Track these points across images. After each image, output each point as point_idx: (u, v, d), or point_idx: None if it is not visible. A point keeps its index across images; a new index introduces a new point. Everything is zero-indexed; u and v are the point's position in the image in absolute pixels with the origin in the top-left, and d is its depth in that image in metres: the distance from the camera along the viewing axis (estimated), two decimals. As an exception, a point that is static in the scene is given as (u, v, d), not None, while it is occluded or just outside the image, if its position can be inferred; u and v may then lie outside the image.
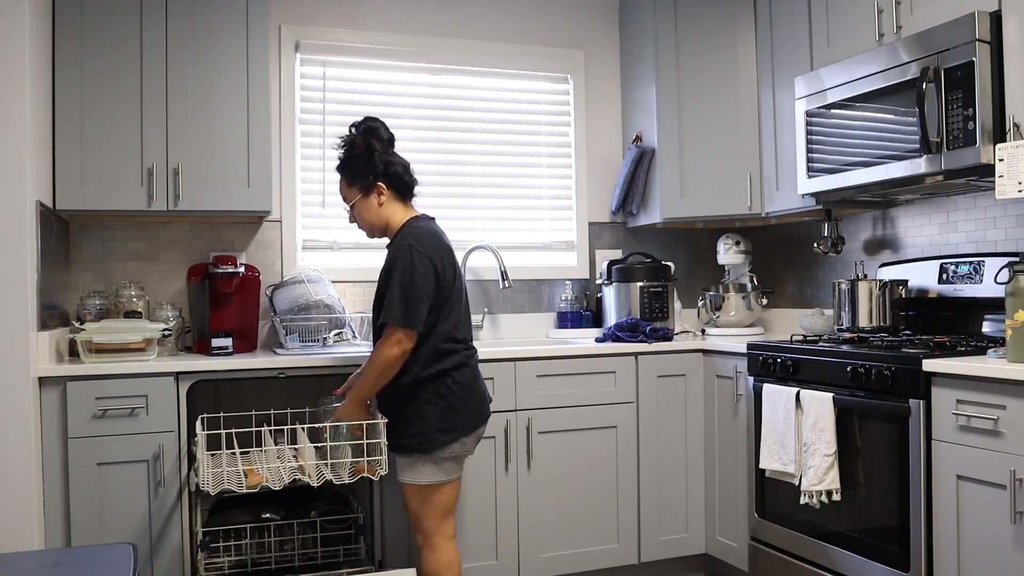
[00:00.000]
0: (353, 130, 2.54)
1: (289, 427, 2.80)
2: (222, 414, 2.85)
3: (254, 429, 2.91)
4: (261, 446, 2.87)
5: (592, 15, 3.95)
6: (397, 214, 2.54)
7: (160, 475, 2.66)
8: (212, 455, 2.74)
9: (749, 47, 3.47)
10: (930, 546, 2.34)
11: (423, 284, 2.36)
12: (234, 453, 2.69)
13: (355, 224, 2.60)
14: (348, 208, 2.57)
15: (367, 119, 2.56)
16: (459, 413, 2.43)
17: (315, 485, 2.52)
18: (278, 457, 2.65)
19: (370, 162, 2.50)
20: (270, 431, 2.76)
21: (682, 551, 3.29)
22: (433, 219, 2.59)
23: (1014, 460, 2.09)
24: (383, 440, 2.48)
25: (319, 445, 2.61)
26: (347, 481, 2.56)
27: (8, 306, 2.46)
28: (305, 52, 3.49)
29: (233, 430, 2.78)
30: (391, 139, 2.58)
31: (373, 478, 2.54)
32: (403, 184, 2.55)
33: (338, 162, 2.56)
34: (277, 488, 2.54)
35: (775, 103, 3.36)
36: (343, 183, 2.56)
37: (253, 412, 2.93)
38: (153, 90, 2.96)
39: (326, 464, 2.61)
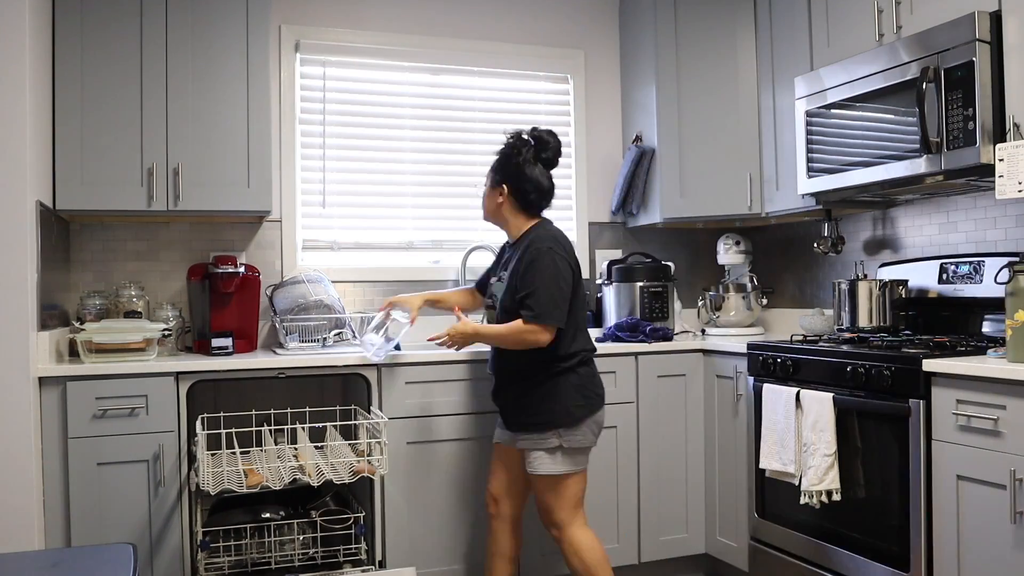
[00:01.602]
0: (533, 129, 2.68)
1: (289, 427, 2.80)
2: (222, 414, 2.85)
3: (254, 429, 2.91)
4: (261, 446, 2.87)
5: (592, 15, 3.95)
6: (516, 219, 2.67)
7: (160, 475, 2.66)
8: (212, 455, 2.74)
9: (749, 47, 3.47)
10: (930, 546, 2.34)
11: (565, 285, 2.51)
12: (234, 453, 2.69)
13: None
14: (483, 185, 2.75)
15: (548, 131, 2.69)
16: (587, 394, 2.56)
17: (315, 485, 2.52)
18: (278, 457, 2.65)
19: (506, 163, 2.64)
20: (270, 431, 2.77)
21: (682, 551, 3.29)
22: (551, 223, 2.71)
23: (1014, 460, 2.09)
24: (383, 440, 2.49)
25: (319, 445, 2.61)
26: (347, 481, 2.56)
27: (8, 306, 2.46)
28: (305, 52, 3.49)
29: (233, 430, 2.78)
30: (548, 160, 2.67)
31: (373, 478, 2.54)
32: (527, 201, 2.65)
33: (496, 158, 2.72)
34: (277, 488, 2.54)
35: (775, 103, 3.36)
36: (490, 169, 2.72)
37: (253, 412, 2.93)
38: (153, 90, 2.96)
39: (326, 464, 2.62)
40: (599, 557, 2.59)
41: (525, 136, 2.66)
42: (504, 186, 2.63)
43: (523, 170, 2.61)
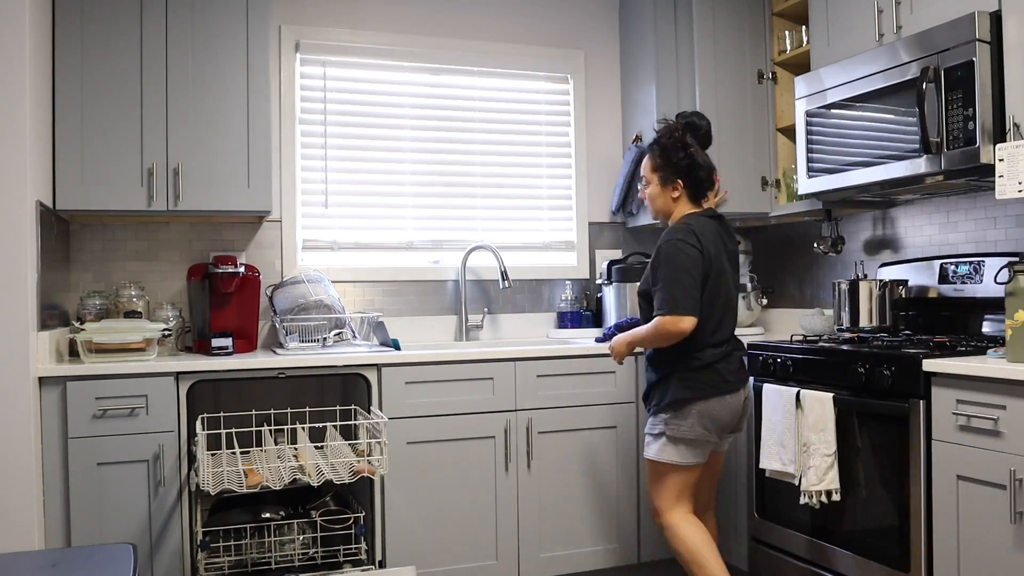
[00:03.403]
0: (677, 119, 2.64)
1: (289, 427, 2.80)
2: (222, 414, 2.86)
3: (254, 429, 2.91)
4: (261, 446, 2.87)
5: (592, 15, 3.95)
6: (683, 209, 2.61)
7: (160, 475, 2.66)
8: (212, 455, 2.74)
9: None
10: (930, 546, 2.34)
11: (695, 272, 2.45)
12: (234, 453, 2.69)
13: (641, 195, 2.72)
14: (644, 186, 2.68)
15: (693, 113, 2.65)
16: (699, 383, 2.48)
17: (315, 485, 2.52)
18: (278, 457, 2.65)
19: (677, 157, 2.58)
20: (270, 431, 2.77)
21: (682, 551, 3.29)
22: (713, 216, 2.62)
23: (1014, 460, 2.09)
24: (383, 440, 2.49)
25: (319, 445, 2.61)
26: (347, 481, 2.56)
27: (8, 306, 2.46)
28: (305, 52, 3.49)
29: (233, 430, 2.78)
30: (708, 139, 2.65)
31: (373, 478, 2.54)
32: (700, 188, 2.61)
33: (654, 139, 2.66)
34: (277, 488, 2.54)
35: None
36: (650, 161, 2.65)
37: (253, 412, 2.93)
38: (153, 90, 2.96)
39: (326, 464, 2.62)
40: (699, 542, 2.50)
41: (677, 127, 2.61)
42: (679, 180, 2.59)
43: (695, 159, 2.57)
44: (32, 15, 2.55)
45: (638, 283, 3.48)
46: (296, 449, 2.75)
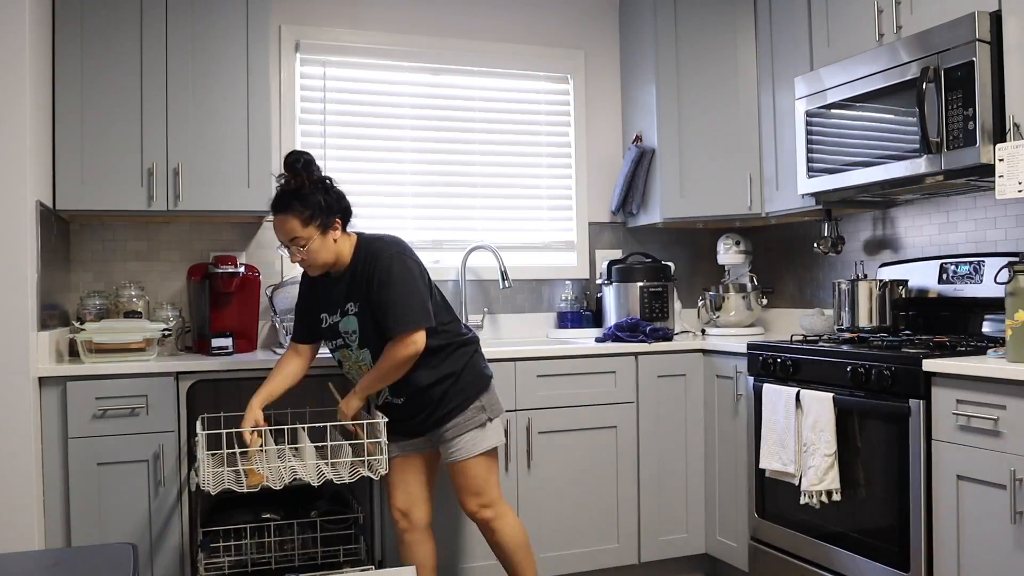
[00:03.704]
0: (294, 163, 2.41)
1: (289, 427, 2.80)
2: (222, 414, 2.85)
3: (254, 429, 2.90)
4: (261, 446, 2.86)
5: (592, 15, 3.95)
6: (346, 242, 2.47)
7: (160, 475, 2.66)
8: (212, 455, 2.74)
9: (749, 47, 3.47)
10: (930, 546, 2.34)
11: (422, 282, 2.45)
12: (234, 453, 2.69)
13: (296, 263, 2.46)
14: (300, 248, 2.39)
15: (293, 152, 2.44)
16: (479, 370, 2.55)
17: (315, 485, 2.52)
18: (278, 457, 2.65)
19: (327, 197, 2.39)
20: (270, 431, 2.76)
21: (682, 551, 3.29)
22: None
23: (1014, 460, 2.09)
24: (383, 440, 2.48)
25: (319, 445, 2.61)
26: (347, 481, 2.56)
27: (8, 306, 2.46)
28: (305, 52, 3.49)
29: (233, 430, 2.78)
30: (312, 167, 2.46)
31: (374, 477, 2.54)
32: (350, 214, 2.48)
33: (281, 199, 2.39)
34: (277, 488, 2.54)
35: (775, 103, 3.35)
36: (294, 222, 2.37)
37: (253, 412, 2.93)
38: (153, 90, 2.96)
39: (326, 464, 2.61)
40: (524, 530, 2.60)
41: (299, 165, 2.40)
42: (336, 218, 2.41)
43: (330, 189, 2.41)
44: (32, 15, 2.55)
45: (639, 283, 3.52)
46: (296, 449, 2.75)
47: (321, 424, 2.59)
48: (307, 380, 3.04)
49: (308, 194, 2.37)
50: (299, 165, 2.41)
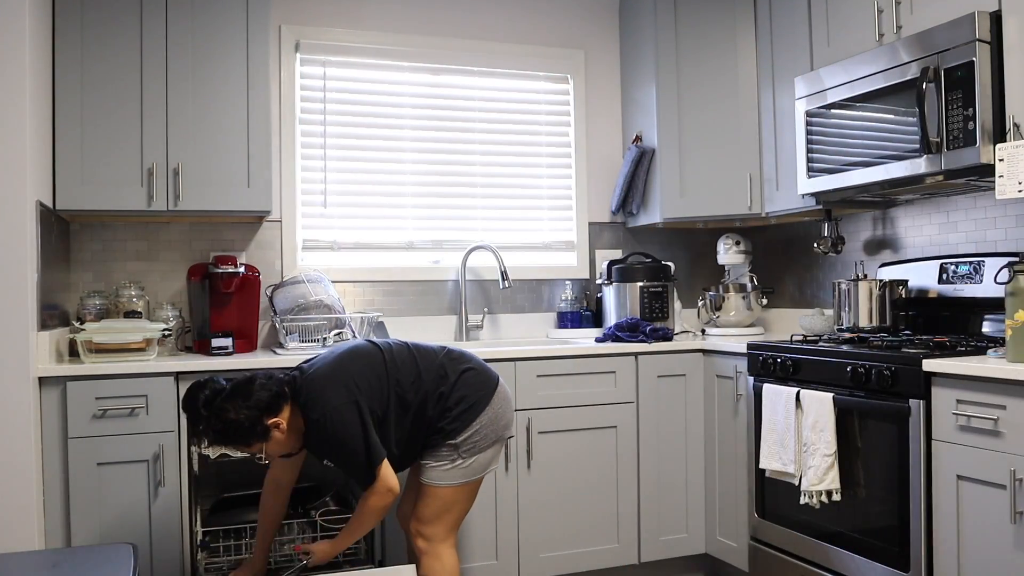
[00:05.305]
0: (199, 410, 2.22)
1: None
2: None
3: None
4: None
5: (592, 15, 3.95)
6: (295, 422, 2.34)
7: (160, 475, 2.66)
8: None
9: (749, 47, 3.47)
10: (930, 546, 2.34)
11: (363, 428, 2.28)
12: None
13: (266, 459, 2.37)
14: (258, 456, 2.33)
15: (189, 397, 2.25)
16: (458, 411, 2.40)
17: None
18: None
19: (250, 415, 2.23)
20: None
21: (682, 551, 3.29)
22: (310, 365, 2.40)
23: (1014, 460, 2.09)
24: None
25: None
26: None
27: (8, 306, 2.46)
28: (305, 52, 3.49)
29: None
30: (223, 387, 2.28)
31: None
32: (281, 398, 2.30)
33: (213, 441, 2.26)
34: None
35: (775, 103, 3.36)
36: (238, 451, 2.31)
37: (253, 412, 2.93)
38: (153, 90, 2.96)
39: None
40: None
41: (216, 403, 2.22)
42: (270, 421, 2.26)
43: (249, 403, 2.23)
44: (32, 15, 2.55)
45: (639, 283, 3.52)
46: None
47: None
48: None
49: (232, 432, 2.23)
50: (205, 412, 2.23)
